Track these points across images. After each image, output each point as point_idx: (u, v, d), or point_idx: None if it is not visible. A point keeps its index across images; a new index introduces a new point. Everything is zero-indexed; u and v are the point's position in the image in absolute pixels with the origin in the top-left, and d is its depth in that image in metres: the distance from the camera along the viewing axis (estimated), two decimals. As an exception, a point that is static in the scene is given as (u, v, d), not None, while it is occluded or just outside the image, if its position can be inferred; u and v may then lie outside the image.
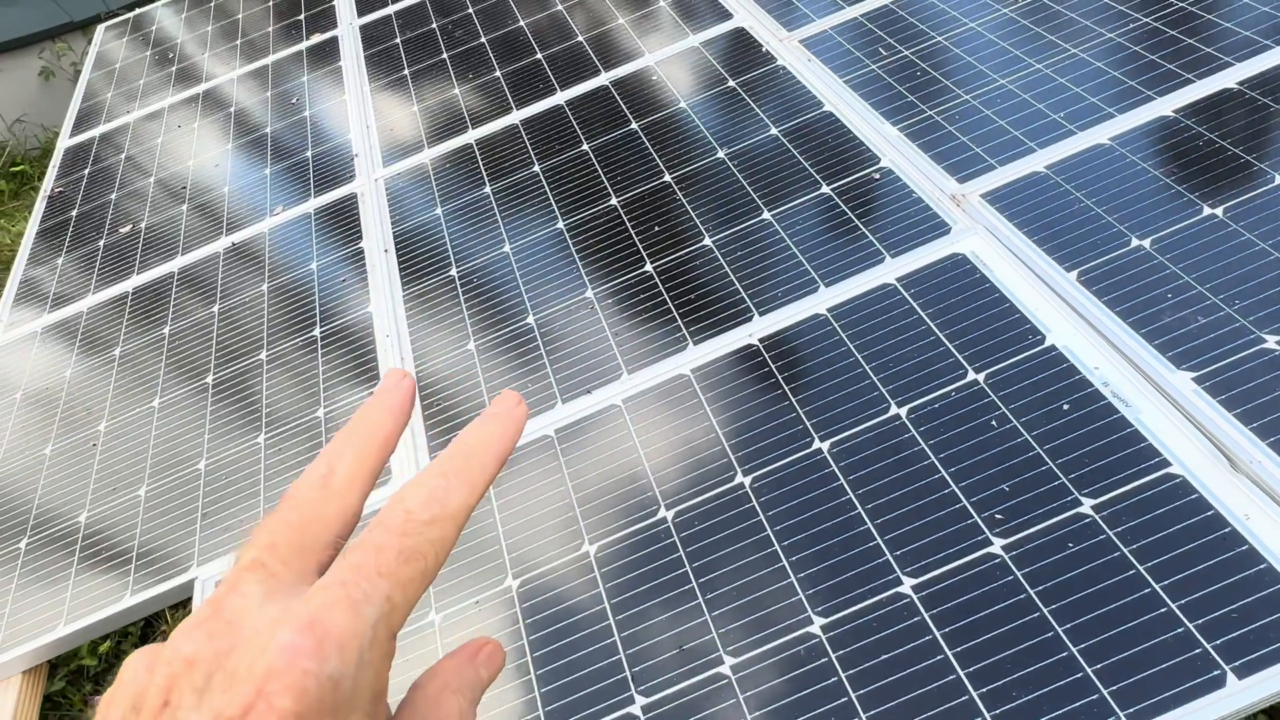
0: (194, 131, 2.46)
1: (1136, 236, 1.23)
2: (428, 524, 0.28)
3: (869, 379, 1.20)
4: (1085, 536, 0.97)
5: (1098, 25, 1.62)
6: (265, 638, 0.25)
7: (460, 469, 0.29)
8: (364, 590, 0.26)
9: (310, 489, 0.29)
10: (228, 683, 0.24)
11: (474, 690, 0.31)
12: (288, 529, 0.28)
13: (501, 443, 0.31)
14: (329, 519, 0.29)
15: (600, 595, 1.10)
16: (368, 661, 0.25)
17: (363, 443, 0.30)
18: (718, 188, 1.61)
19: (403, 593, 0.27)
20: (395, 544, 0.27)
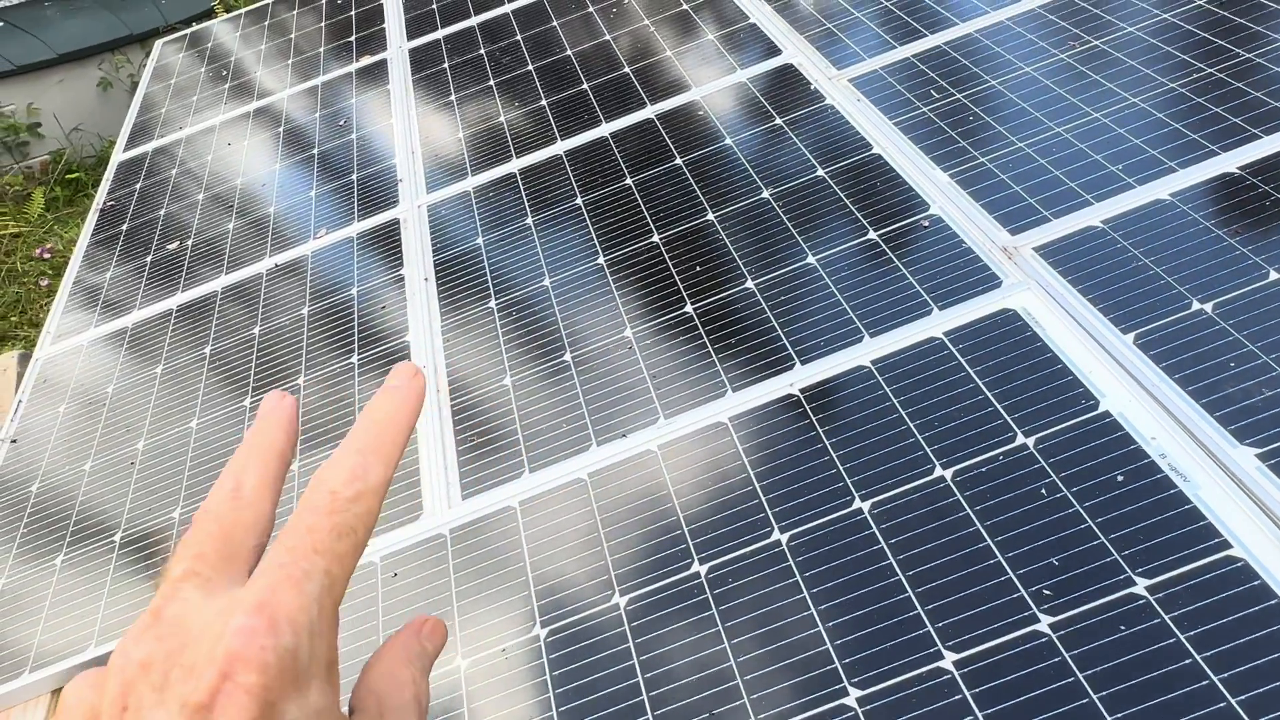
0: (244, 149, 2.50)
1: (1197, 299, 1.19)
2: (352, 500, 0.29)
3: (913, 437, 1.17)
4: (1139, 619, 0.93)
5: (1159, 74, 1.57)
6: (217, 628, 0.26)
7: (374, 444, 0.31)
8: (303, 568, 0.27)
9: (223, 502, 0.30)
10: (187, 674, 0.25)
11: (422, 660, 0.33)
12: (211, 539, 0.29)
13: (406, 414, 0.32)
14: (247, 525, 0.30)
15: (630, 650, 1.07)
16: (319, 632, 0.27)
17: (261, 455, 0.32)
18: (761, 229, 1.59)
19: (340, 565, 0.28)
20: (325, 523, 0.29)
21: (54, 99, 4.09)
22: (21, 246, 3.56)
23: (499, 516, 1.28)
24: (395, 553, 1.29)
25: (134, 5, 4.33)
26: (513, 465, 1.35)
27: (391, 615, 1.21)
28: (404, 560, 1.28)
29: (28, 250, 3.53)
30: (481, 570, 1.22)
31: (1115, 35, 1.70)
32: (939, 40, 1.86)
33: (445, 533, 1.29)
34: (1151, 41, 1.65)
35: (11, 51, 3.97)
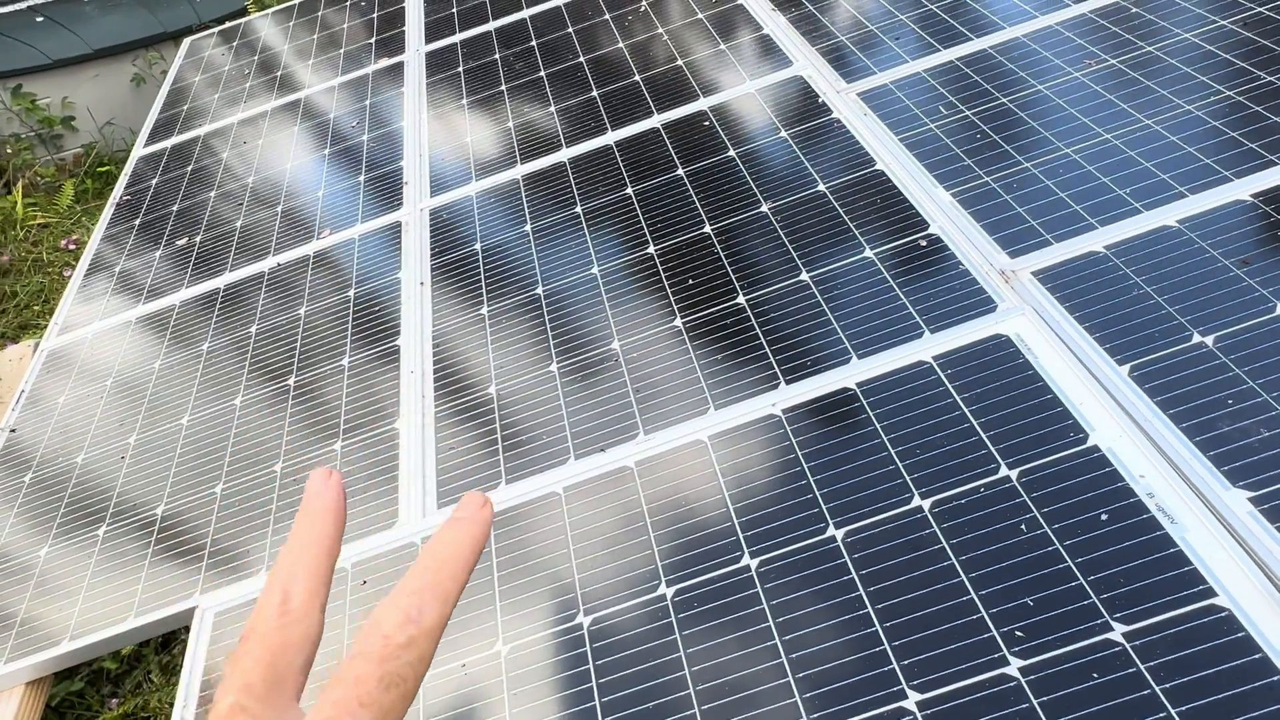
0: (259, 148, 2.52)
1: (1199, 332, 1.14)
2: (404, 647, 0.29)
3: (893, 464, 1.13)
4: (1113, 667, 0.88)
5: (1176, 96, 1.52)
6: None
7: (432, 583, 0.30)
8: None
9: (271, 619, 0.30)
10: None
11: None
12: (258, 665, 0.29)
13: (470, 548, 0.31)
14: (295, 645, 0.30)
15: (589, 672, 1.05)
16: None
17: (311, 557, 0.31)
18: (757, 243, 1.56)
19: (386, 716, 0.28)
20: (375, 672, 0.29)
21: (88, 93, 4.17)
22: (49, 237, 3.63)
23: (471, 527, 1.26)
24: (366, 560, 1.27)
25: (169, 3, 4.41)
26: (490, 476, 1.33)
27: (358, 623, 1.20)
28: (375, 568, 1.26)
29: (55, 241, 3.60)
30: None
31: (1133, 54, 1.65)
32: (951, 55, 1.81)
33: (417, 542, 1.27)
34: (1170, 62, 1.59)
35: (49, 46, 4.05)
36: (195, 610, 1.31)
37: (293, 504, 1.43)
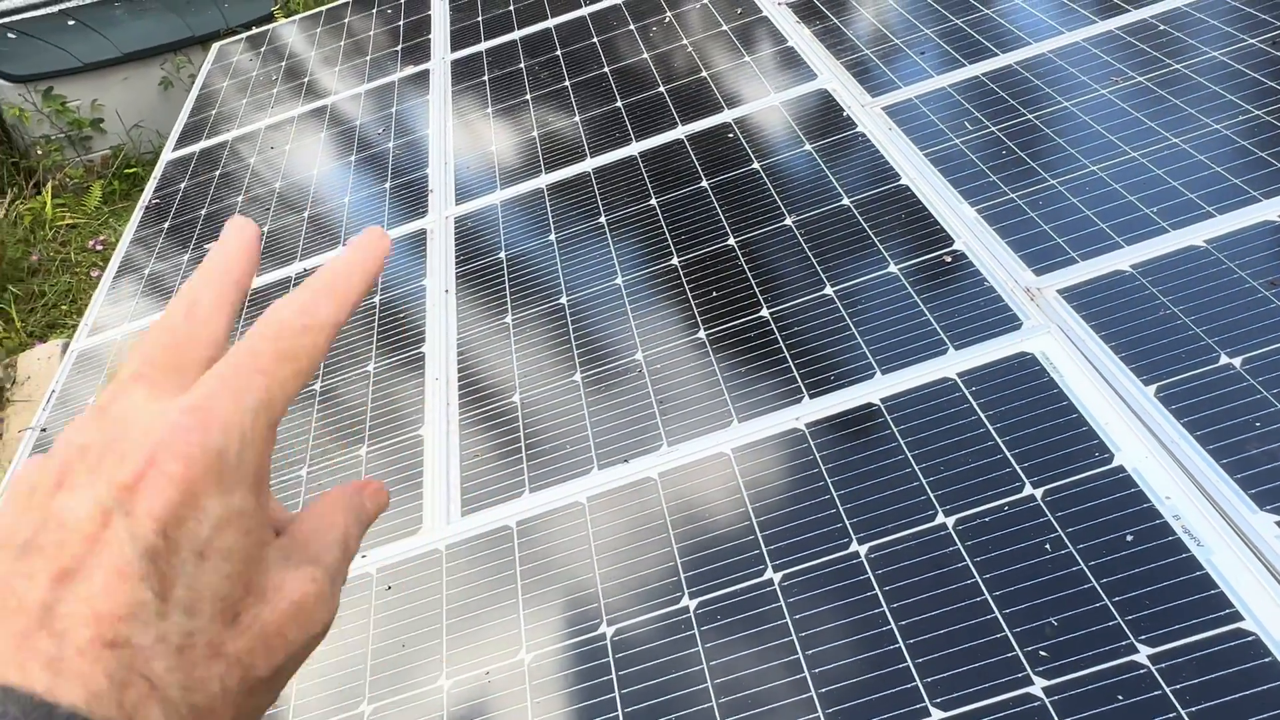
0: (286, 153, 2.55)
1: (1226, 353, 1.14)
2: (300, 331, 0.30)
3: (916, 481, 1.13)
4: (1138, 690, 0.88)
5: (1204, 115, 1.52)
6: (155, 423, 0.28)
7: (328, 286, 0.32)
8: (243, 383, 0.29)
9: (178, 317, 0.31)
10: (120, 460, 0.27)
11: (360, 515, 0.34)
12: (163, 350, 0.30)
13: (368, 268, 0.33)
14: (199, 340, 0.31)
15: (612, 683, 1.06)
16: (249, 442, 0.29)
17: (219, 279, 0.32)
18: (782, 256, 1.56)
19: (280, 389, 0.30)
20: (271, 347, 0.30)
21: (117, 96, 4.23)
22: (77, 237, 3.68)
23: (495, 536, 1.27)
24: (391, 566, 1.29)
25: (198, 8, 4.47)
26: (514, 484, 1.35)
27: (381, 629, 1.21)
28: (399, 574, 1.28)
29: (82, 241, 3.65)
30: (474, 590, 1.22)
31: (1162, 72, 1.64)
32: (978, 70, 1.82)
33: (442, 549, 1.29)
34: (1197, 80, 1.59)
35: (80, 49, 4.12)
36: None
37: (318, 508, 1.44)
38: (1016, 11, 1.96)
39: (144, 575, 0.26)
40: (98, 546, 0.26)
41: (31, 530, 0.27)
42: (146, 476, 0.27)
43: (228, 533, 0.28)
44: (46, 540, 0.26)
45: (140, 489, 0.27)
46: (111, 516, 0.26)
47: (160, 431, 0.28)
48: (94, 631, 0.25)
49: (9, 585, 0.26)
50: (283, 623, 0.29)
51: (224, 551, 0.28)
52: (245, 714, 0.28)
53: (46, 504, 0.27)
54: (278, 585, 0.29)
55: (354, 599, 1.26)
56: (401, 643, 1.18)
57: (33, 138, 4.09)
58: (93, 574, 0.26)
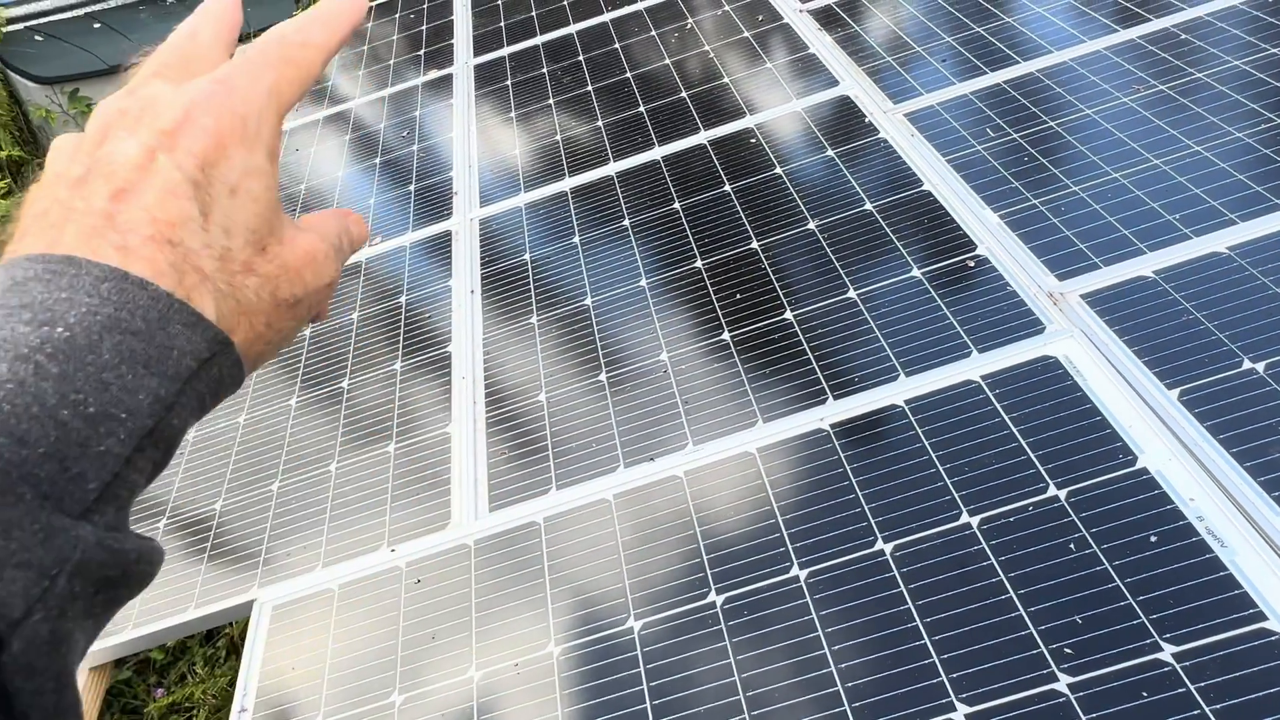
0: (311, 155, 2.59)
1: (1249, 358, 1.15)
2: (298, 45, 0.35)
3: (941, 481, 1.15)
4: (1163, 687, 0.90)
5: (1225, 123, 1.53)
6: (185, 90, 0.32)
7: (321, 16, 0.37)
8: (257, 71, 0.34)
9: (182, 39, 0.36)
10: (157, 114, 0.32)
11: (347, 228, 0.40)
12: (174, 58, 0.35)
13: (351, 15, 0.38)
14: (203, 59, 0.35)
15: (640, 675, 1.08)
16: (266, 118, 0.33)
17: (215, 18, 0.37)
18: (805, 260, 1.58)
19: (287, 85, 0.35)
20: (276, 51, 0.35)
21: (141, 98, 4.28)
22: (101, 237, 3.74)
23: (524, 531, 1.29)
24: (420, 559, 1.31)
25: (221, 12, 4.52)
26: (541, 481, 1.37)
27: (411, 620, 1.23)
28: (429, 567, 1.30)
29: (106, 241, 3.71)
30: (502, 584, 1.24)
31: (1184, 81, 1.66)
32: (1000, 78, 1.83)
33: (470, 543, 1.31)
34: (1220, 89, 1.60)
35: (105, 52, 4.17)
36: (254, 603, 1.35)
37: (346, 502, 1.47)
38: (1037, 20, 1.98)
39: (189, 196, 0.30)
40: (147, 174, 0.30)
41: (84, 168, 0.31)
42: (183, 126, 0.31)
43: (252, 180, 0.32)
44: (101, 171, 0.31)
45: (179, 134, 0.31)
46: (156, 154, 0.31)
47: (192, 94, 0.32)
48: (153, 230, 0.30)
49: (71, 202, 0.30)
50: (300, 264, 0.35)
51: (251, 193, 0.32)
52: (273, 325, 0.34)
53: (94, 150, 0.31)
54: (293, 238, 0.35)
55: (384, 591, 1.28)
56: (431, 634, 1.21)
57: (58, 138, 4.15)
58: (145, 191, 0.30)
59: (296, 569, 1.38)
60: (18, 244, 0.30)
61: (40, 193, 0.31)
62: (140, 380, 0.28)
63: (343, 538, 1.41)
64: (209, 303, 0.30)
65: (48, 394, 0.26)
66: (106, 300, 0.28)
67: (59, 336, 0.27)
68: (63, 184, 0.31)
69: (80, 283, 0.28)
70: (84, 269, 0.28)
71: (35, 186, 0.32)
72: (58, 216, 0.30)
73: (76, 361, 0.27)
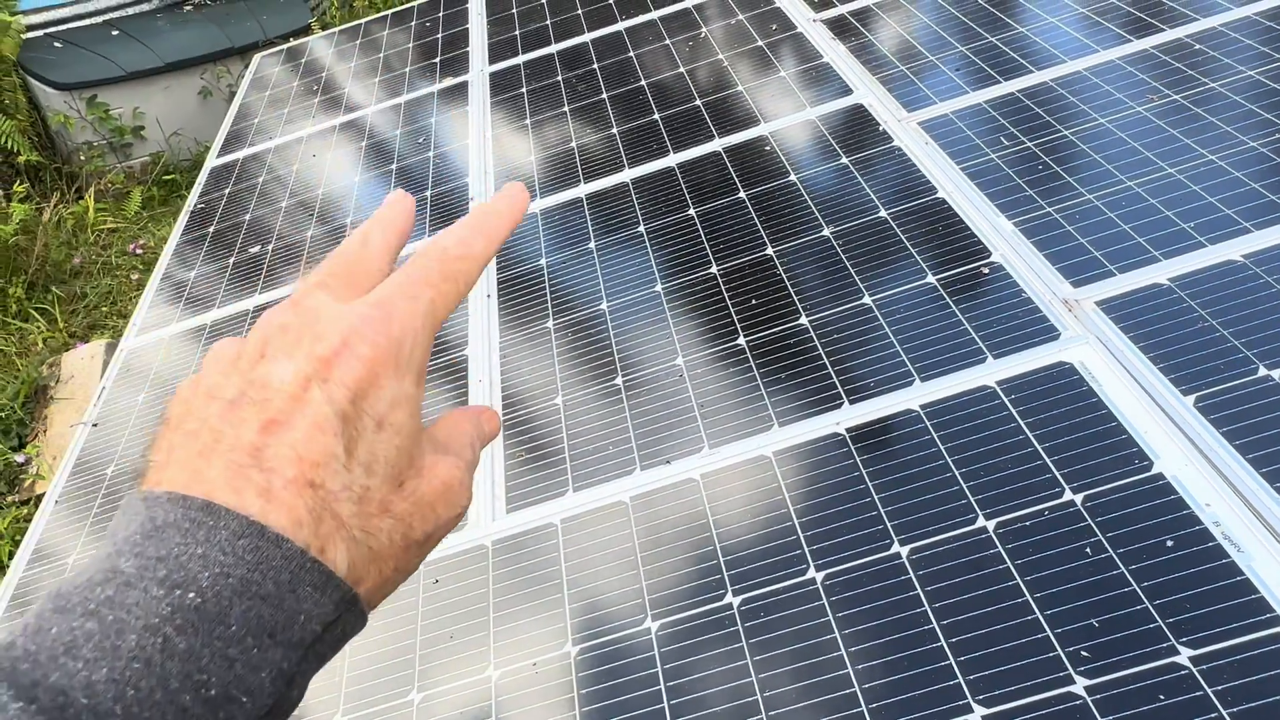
0: (328, 161, 2.62)
1: (1265, 365, 1.16)
2: (459, 259, 0.36)
3: (957, 485, 1.16)
4: (1180, 690, 0.90)
5: (1239, 132, 1.54)
6: (346, 315, 0.33)
7: (481, 227, 0.38)
8: (415, 292, 0.34)
9: (353, 247, 0.37)
10: (316, 338, 0.32)
11: (480, 431, 0.39)
12: (342, 268, 0.36)
13: (512, 215, 0.39)
14: (370, 269, 0.36)
15: (657, 675, 1.09)
16: (419, 341, 0.34)
17: (387, 226, 0.38)
18: (819, 266, 1.60)
19: (443, 301, 0.35)
20: (436, 267, 0.35)
21: (158, 104, 4.33)
22: (117, 241, 3.77)
23: (541, 532, 1.31)
24: (438, 560, 1.32)
25: (237, 19, 4.57)
26: (558, 483, 1.38)
27: (429, 620, 1.25)
28: (447, 568, 1.31)
29: (122, 245, 3.74)
30: (519, 584, 1.25)
31: (1197, 90, 1.67)
32: (1013, 87, 1.85)
33: (488, 544, 1.32)
34: (1234, 99, 1.61)
35: (123, 59, 4.22)
36: (273, 602, 1.37)
37: (365, 504, 1.48)
38: (1050, 30, 1.99)
39: (337, 432, 0.31)
40: (299, 404, 0.31)
41: (239, 388, 0.32)
42: (340, 354, 0.32)
43: (399, 411, 0.33)
44: (255, 396, 0.31)
45: (335, 363, 0.32)
46: (310, 383, 0.31)
47: (351, 319, 0.33)
48: (297, 471, 0.30)
49: (222, 428, 0.31)
50: (434, 497, 0.34)
51: (396, 426, 0.33)
52: (401, 568, 0.34)
53: (251, 369, 0.32)
54: (431, 466, 0.35)
55: (402, 590, 1.30)
56: (450, 634, 1.22)
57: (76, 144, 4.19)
58: (295, 425, 0.30)
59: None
60: (164, 465, 0.30)
61: (192, 405, 0.32)
62: (265, 653, 0.28)
63: (361, 538, 1.42)
64: (341, 553, 0.30)
65: (172, 676, 0.26)
66: (241, 560, 0.28)
67: (190, 604, 0.27)
68: (215, 404, 0.31)
69: (217, 537, 0.28)
70: (222, 520, 0.28)
71: (189, 389, 0.33)
72: (206, 443, 0.30)
73: (205, 635, 0.27)
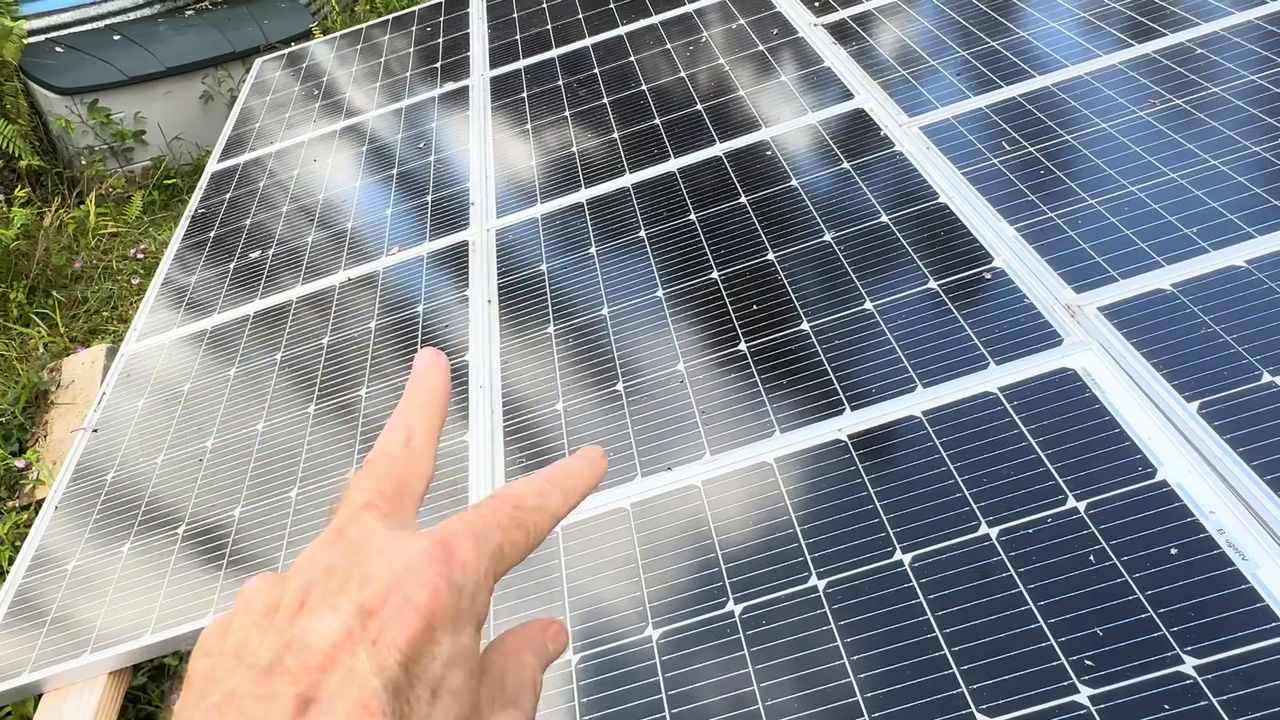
0: (329, 165, 2.62)
1: (1269, 371, 1.15)
2: (533, 510, 0.33)
3: (960, 492, 1.15)
4: (1184, 699, 0.90)
5: (1242, 137, 1.54)
6: (399, 551, 0.29)
7: (560, 482, 0.35)
8: (483, 533, 0.31)
9: (398, 448, 0.34)
10: (365, 582, 0.28)
11: (544, 657, 0.35)
12: (389, 478, 0.33)
13: (591, 479, 0.37)
14: (417, 475, 0.34)
15: (659, 684, 1.08)
16: (481, 586, 0.30)
17: (429, 409, 0.36)
18: (821, 271, 1.59)
19: (511, 547, 0.32)
20: (509, 512, 0.33)
21: (159, 109, 4.33)
22: (118, 246, 3.77)
23: (541, 539, 1.30)
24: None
25: (238, 24, 4.57)
26: (558, 490, 1.37)
27: (430, 628, 1.24)
28: (447, 575, 1.30)
29: (123, 250, 3.74)
30: (519, 591, 1.24)
31: (1199, 95, 1.66)
32: (1014, 92, 1.84)
33: (488, 551, 1.31)
34: (1236, 103, 1.61)
35: (124, 63, 4.23)
36: (273, 609, 1.36)
37: (365, 510, 1.48)
38: (1051, 35, 1.99)
39: (385, 710, 0.26)
40: (342, 674, 0.26)
41: (274, 651, 0.27)
42: (390, 601, 0.27)
43: (456, 673, 0.28)
44: (290, 663, 0.26)
45: (384, 615, 0.27)
46: (356, 642, 0.27)
47: (407, 558, 0.29)
48: None
49: (252, 706, 0.26)
50: None
51: (454, 692, 0.28)
52: None
53: (289, 625, 0.28)
54: None
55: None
56: (450, 642, 1.21)
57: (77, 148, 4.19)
58: (335, 704, 0.26)
59: (315, 575, 1.39)
60: None
61: (219, 666, 0.28)
62: None
63: (361, 545, 1.42)
64: None
65: None
66: None
67: None
68: (246, 672, 0.27)
69: None
70: None
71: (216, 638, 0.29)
72: None
73: None
